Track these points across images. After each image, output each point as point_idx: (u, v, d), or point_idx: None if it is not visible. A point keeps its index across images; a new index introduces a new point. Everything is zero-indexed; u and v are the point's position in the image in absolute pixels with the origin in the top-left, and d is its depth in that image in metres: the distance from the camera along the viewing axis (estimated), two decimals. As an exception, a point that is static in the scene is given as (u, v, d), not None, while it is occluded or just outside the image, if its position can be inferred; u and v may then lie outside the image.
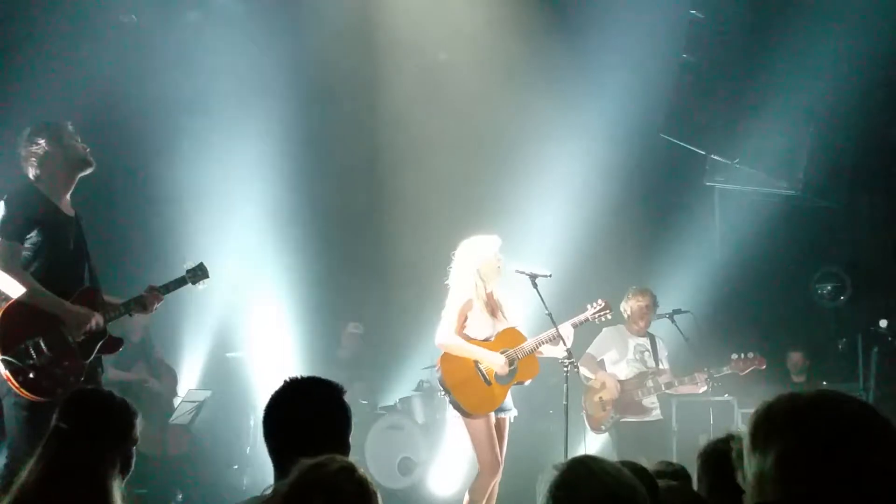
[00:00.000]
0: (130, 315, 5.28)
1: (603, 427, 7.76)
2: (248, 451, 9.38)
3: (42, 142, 5.00)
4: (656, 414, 7.79)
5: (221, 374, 9.47)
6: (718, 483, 3.19)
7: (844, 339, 9.74)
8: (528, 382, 6.37)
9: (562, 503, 2.22)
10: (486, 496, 5.98)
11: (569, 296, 7.48)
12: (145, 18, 9.40)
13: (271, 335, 9.77)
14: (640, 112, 9.17)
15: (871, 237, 10.01)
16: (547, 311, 6.25)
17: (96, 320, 4.94)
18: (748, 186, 8.96)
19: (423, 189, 9.88)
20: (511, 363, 6.17)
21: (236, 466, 9.37)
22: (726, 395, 7.90)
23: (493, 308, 6.30)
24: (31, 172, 5.03)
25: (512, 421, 6.26)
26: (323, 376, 3.06)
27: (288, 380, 2.97)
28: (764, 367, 7.68)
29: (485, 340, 6.20)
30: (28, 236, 4.84)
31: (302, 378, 3.00)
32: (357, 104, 10.21)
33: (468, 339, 6.18)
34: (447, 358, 6.17)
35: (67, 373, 4.81)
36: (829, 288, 9.67)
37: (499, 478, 6.04)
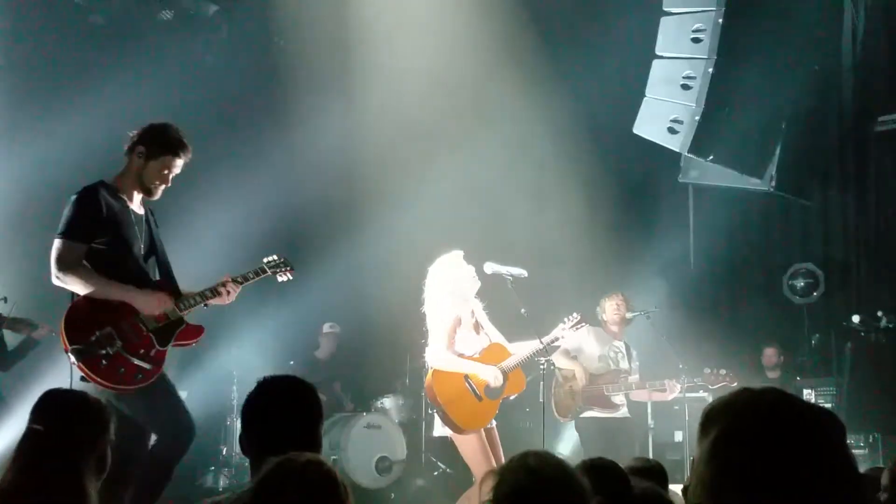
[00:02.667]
0: (206, 305, 5.23)
1: (569, 416, 7.82)
2: (225, 453, 9.35)
3: (142, 147, 5.06)
4: (623, 411, 7.85)
5: (198, 375, 9.41)
6: None
7: (818, 335, 9.84)
8: (513, 397, 6.44)
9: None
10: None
11: (542, 294, 7.51)
12: (115, 19, 9.34)
13: (248, 336, 9.72)
14: (613, 110, 9.21)
15: (843, 233, 10.11)
16: (523, 310, 6.30)
17: (165, 300, 4.94)
18: (722, 183, 9.02)
19: (400, 189, 9.87)
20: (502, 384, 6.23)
21: (213, 468, 9.33)
22: (701, 391, 7.95)
23: (475, 323, 6.36)
24: (125, 159, 5.12)
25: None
26: (301, 377, 3.13)
27: (261, 380, 3.04)
28: (735, 384, 7.72)
29: (471, 357, 6.25)
30: (97, 236, 4.88)
31: (274, 377, 3.07)
32: (332, 104, 10.17)
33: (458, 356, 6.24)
34: (438, 375, 6.21)
35: (146, 361, 4.84)
36: (802, 284, 9.75)
37: None
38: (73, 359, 4.65)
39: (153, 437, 5.01)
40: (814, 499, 1.81)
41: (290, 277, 5.64)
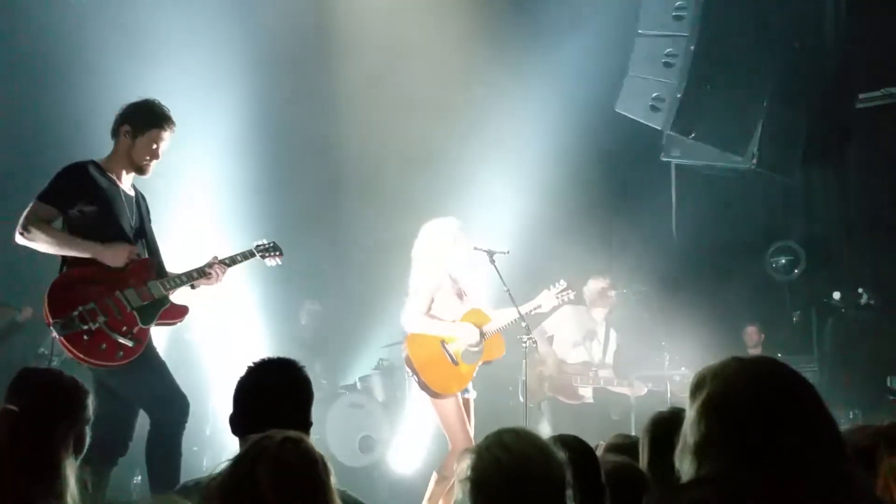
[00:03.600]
0: (193, 287, 5.26)
1: (533, 399, 7.84)
2: (207, 433, 9.32)
3: (127, 126, 5.12)
4: (589, 399, 7.89)
5: (179, 356, 9.38)
6: (658, 459, 3.18)
7: (799, 312, 9.89)
8: (493, 361, 6.42)
9: (478, 481, 2.25)
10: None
11: (526, 272, 7.51)
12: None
13: (229, 316, 9.68)
14: (595, 88, 9.18)
15: (825, 211, 10.15)
16: (505, 288, 6.28)
17: (131, 248, 4.98)
18: (704, 161, 9.03)
19: (382, 166, 9.83)
20: (478, 342, 6.21)
21: (196, 448, 9.30)
22: (683, 368, 7.98)
23: (458, 290, 6.33)
24: (112, 141, 5.19)
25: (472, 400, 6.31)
26: (282, 355, 3.16)
27: (255, 362, 3.09)
28: None
29: (451, 322, 6.22)
30: (78, 206, 4.92)
31: (268, 359, 3.12)
32: (315, 81, 10.11)
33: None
34: (414, 339, 6.19)
35: (128, 338, 4.85)
36: (783, 261, 9.79)
37: None
38: (54, 333, 4.68)
39: (148, 416, 5.03)
40: (800, 459, 1.83)
41: (279, 263, 5.69)
